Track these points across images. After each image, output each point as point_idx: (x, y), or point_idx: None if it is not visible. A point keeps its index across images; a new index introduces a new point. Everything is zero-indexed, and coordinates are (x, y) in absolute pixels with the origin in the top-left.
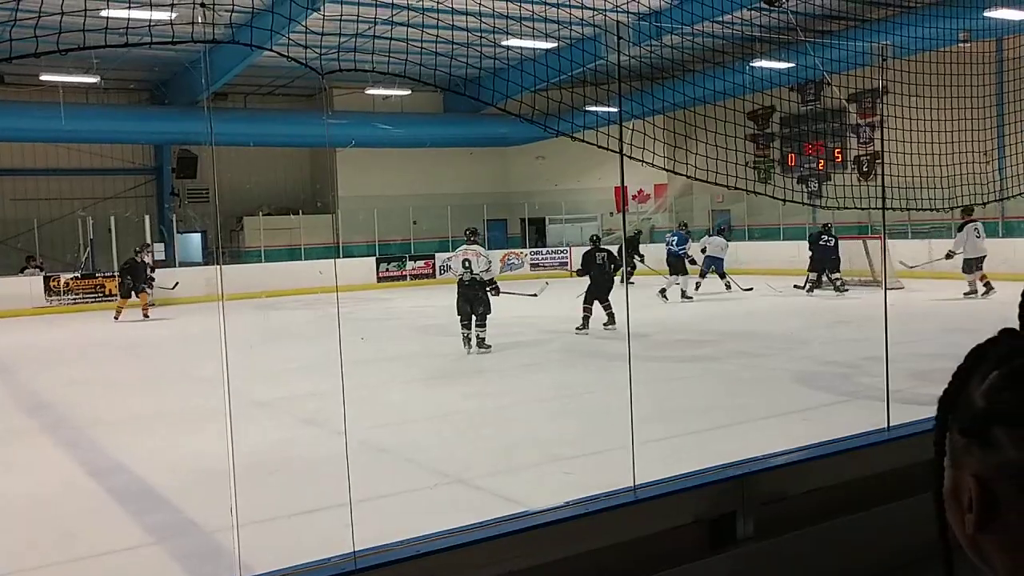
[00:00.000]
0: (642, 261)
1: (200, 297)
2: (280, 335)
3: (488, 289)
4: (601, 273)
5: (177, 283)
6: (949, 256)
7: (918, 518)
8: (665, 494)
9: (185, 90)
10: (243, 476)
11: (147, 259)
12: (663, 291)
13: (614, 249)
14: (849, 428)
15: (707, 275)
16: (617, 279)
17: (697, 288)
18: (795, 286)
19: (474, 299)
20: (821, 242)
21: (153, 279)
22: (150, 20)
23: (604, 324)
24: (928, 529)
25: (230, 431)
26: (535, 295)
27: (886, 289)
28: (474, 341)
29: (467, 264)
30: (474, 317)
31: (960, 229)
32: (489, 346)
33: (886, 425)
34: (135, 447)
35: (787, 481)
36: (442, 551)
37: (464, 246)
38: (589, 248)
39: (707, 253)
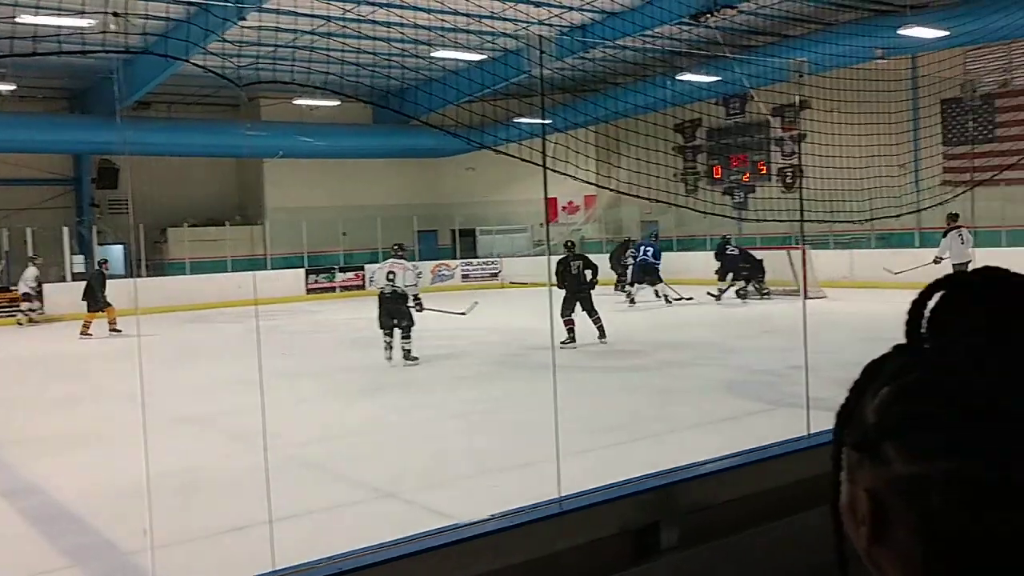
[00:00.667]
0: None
1: (122, 311)
2: (206, 349)
3: (412, 304)
4: (576, 282)
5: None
6: (937, 261)
7: None
8: (590, 505)
9: (106, 99)
10: (165, 494)
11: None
12: (631, 297)
13: (604, 258)
14: (774, 436)
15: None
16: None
17: (632, 298)
18: (708, 293)
19: (397, 312)
20: (728, 251)
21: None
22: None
23: (598, 338)
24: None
25: (145, 449)
26: (463, 313)
27: (806, 298)
28: (399, 354)
29: (391, 277)
30: (399, 331)
31: (945, 235)
32: (416, 358)
33: (806, 432)
34: (49, 468)
35: (711, 490)
36: (366, 568)
37: (391, 259)
38: (563, 256)
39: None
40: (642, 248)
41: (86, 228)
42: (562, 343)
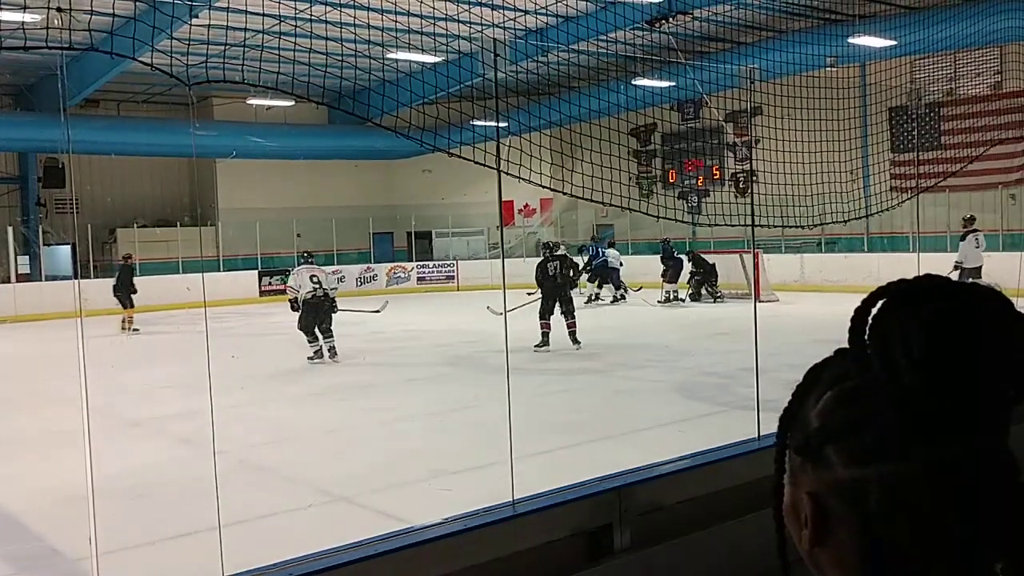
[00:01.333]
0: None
1: (68, 313)
2: (155, 352)
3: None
4: (554, 284)
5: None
6: (957, 267)
7: None
8: (543, 508)
9: (52, 96)
10: (111, 500)
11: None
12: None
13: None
14: (725, 438)
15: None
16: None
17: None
18: (658, 301)
19: (323, 313)
20: (676, 254)
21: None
22: (1, 24)
23: (572, 344)
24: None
25: (89, 452)
26: (377, 311)
27: (756, 301)
28: (327, 353)
29: (316, 280)
30: (321, 332)
31: (963, 239)
32: (337, 353)
33: (757, 434)
34: None
35: (663, 492)
36: (318, 572)
37: (305, 265)
38: (541, 259)
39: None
40: (605, 251)
41: (32, 228)
42: (536, 346)
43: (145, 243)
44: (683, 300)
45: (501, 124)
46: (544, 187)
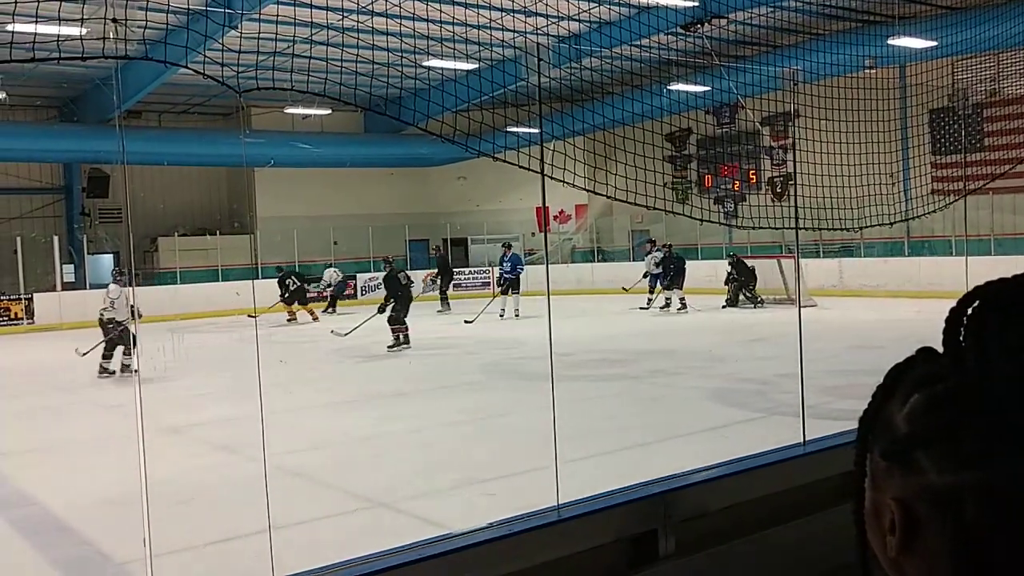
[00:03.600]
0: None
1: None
2: (196, 359)
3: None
4: (408, 292)
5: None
6: None
7: (833, 529)
8: (587, 513)
9: (96, 107)
10: (156, 505)
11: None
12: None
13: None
14: (764, 444)
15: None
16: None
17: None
18: (659, 306)
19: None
20: (675, 259)
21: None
22: (59, 35)
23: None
24: (843, 540)
25: (143, 457)
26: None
27: (800, 307)
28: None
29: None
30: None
31: None
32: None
33: (802, 440)
34: (41, 478)
35: (707, 497)
36: None
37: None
38: (389, 272)
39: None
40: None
41: (76, 238)
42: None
43: (185, 251)
44: (686, 309)
45: (535, 130)
46: (588, 191)
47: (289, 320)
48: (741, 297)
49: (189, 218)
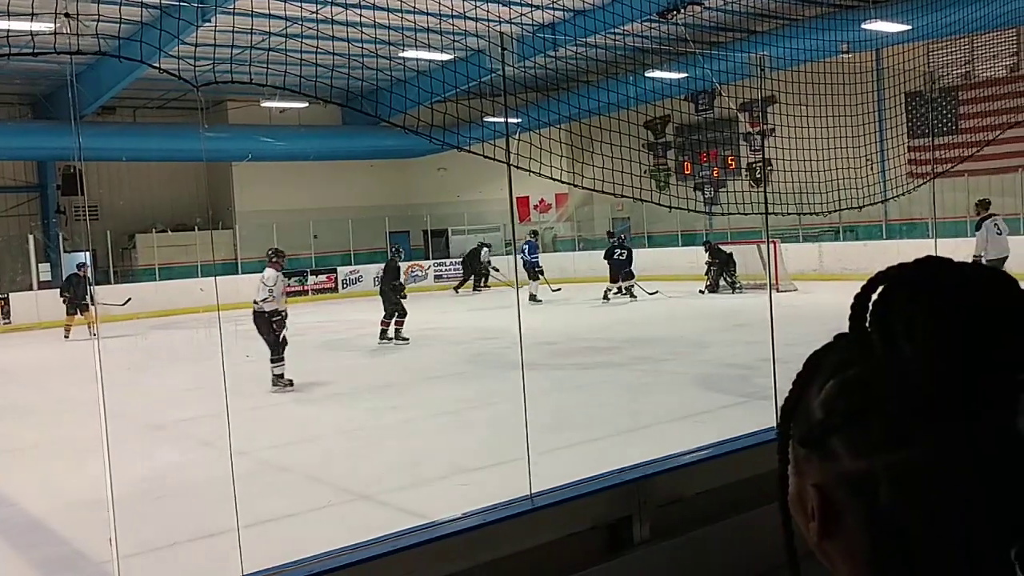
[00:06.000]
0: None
1: (95, 319)
2: (176, 355)
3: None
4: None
5: (128, 299)
6: (977, 260)
7: None
8: (562, 501)
9: (69, 104)
10: (134, 503)
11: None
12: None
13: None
14: (746, 428)
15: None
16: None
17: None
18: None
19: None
20: (621, 249)
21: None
22: (8, 31)
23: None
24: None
25: (108, 457)
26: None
27: (774, 291)
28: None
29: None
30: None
31: (978, 227)
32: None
33: (776, 424)
34: (17, 478)
35: (682, 483)
36: (339, 569)
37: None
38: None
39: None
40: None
41: (52, 236)
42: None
43: (164, 248)
44: (635, 297)
45: (515, 120)
46: (556, 180)
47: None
48: (721, 283)
49: (168, 214)
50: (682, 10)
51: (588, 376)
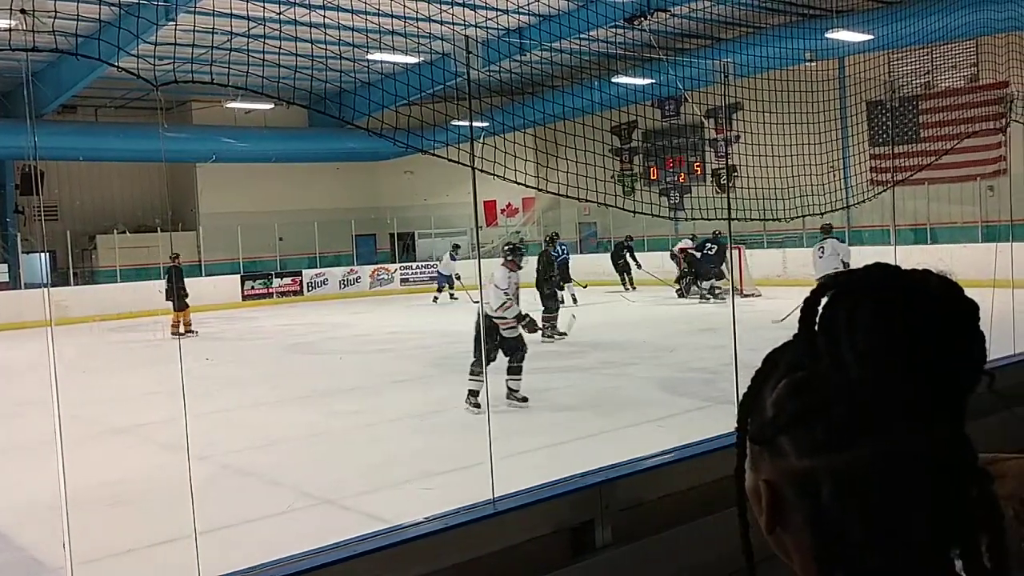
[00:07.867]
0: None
1: (48, 321)
2: (138, 358)
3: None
4: None
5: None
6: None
7: None
8: (525, 504)
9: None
10: (93, 508)
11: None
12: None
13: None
14: (711, 432)
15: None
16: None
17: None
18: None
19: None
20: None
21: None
22: None
23: None
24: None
25: (61, 460)
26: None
27: (734, 296)
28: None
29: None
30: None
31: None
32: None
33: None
34: None
35: (644, 487)
36: (296, 574)
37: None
38: None
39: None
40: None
41: (10, 236)
42: None
43: (125, 249)
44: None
45: (481, 124)
46: (521, 184)
47: None
48: (693, 288)
49: (129, 215)
50: (648, 16)
51: (556, 380)
